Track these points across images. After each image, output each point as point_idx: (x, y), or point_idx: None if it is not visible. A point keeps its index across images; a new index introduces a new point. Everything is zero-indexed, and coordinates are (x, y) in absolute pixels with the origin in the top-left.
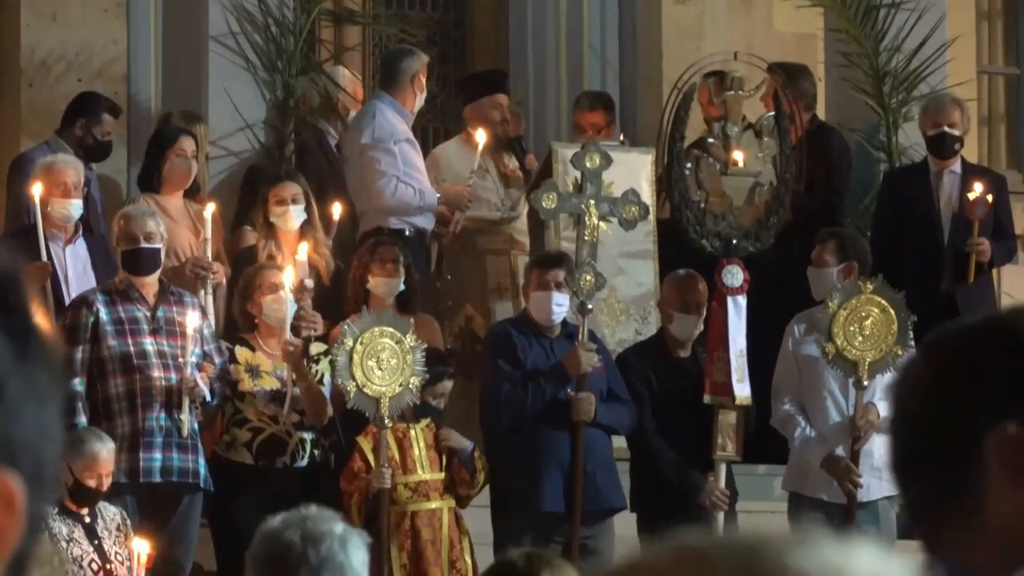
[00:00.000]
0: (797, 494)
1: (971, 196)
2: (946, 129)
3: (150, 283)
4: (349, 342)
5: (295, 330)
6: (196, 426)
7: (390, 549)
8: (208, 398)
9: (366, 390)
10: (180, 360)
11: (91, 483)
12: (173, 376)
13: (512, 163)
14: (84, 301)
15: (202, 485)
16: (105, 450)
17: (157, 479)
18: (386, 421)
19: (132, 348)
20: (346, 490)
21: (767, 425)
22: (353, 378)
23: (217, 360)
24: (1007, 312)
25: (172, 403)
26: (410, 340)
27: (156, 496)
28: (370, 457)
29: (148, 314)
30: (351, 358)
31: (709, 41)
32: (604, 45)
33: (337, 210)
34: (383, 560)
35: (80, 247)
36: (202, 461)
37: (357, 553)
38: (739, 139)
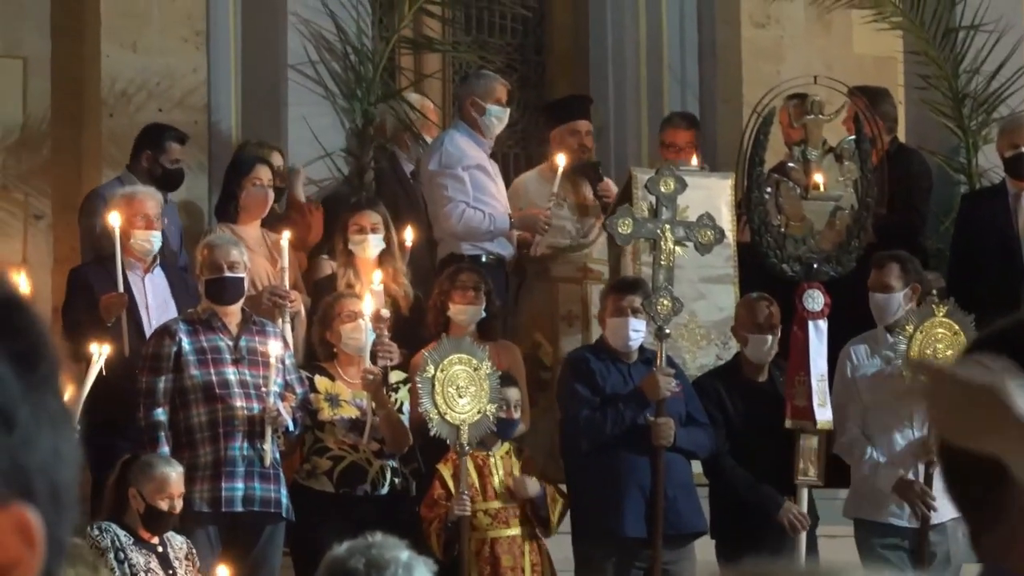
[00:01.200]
0: (863, 520)
1: None
2: (1023, 149)
3: (233, 312)
4: (431, 369)
5: (373, 359)
6: (278, 456)
7: None
8: (291, 427)
9: (447, 417)
10: (263, 390)
11: (163, 506)
12: (255, 405)
13: (588, 191)
14: (167, 331)
15: (284, 515)
16: (175, 472)
17: (239, 508)
18: (466, 448)
19: (215, 378)
20: (426, 517)
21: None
22: (436, 406)
23: (299, 390)
24: None
25: (255, 432)
26: (486, 367)
27: (239, 525)
28: (450, 484)
29: (231, 343)
30: (433, 386)
31: (788, 63)
32: (684, 68)
33: (409, 235)
34: None
35: (159, 277)
36: (284, 491)
37: (422, 570)
38: (820, 163)
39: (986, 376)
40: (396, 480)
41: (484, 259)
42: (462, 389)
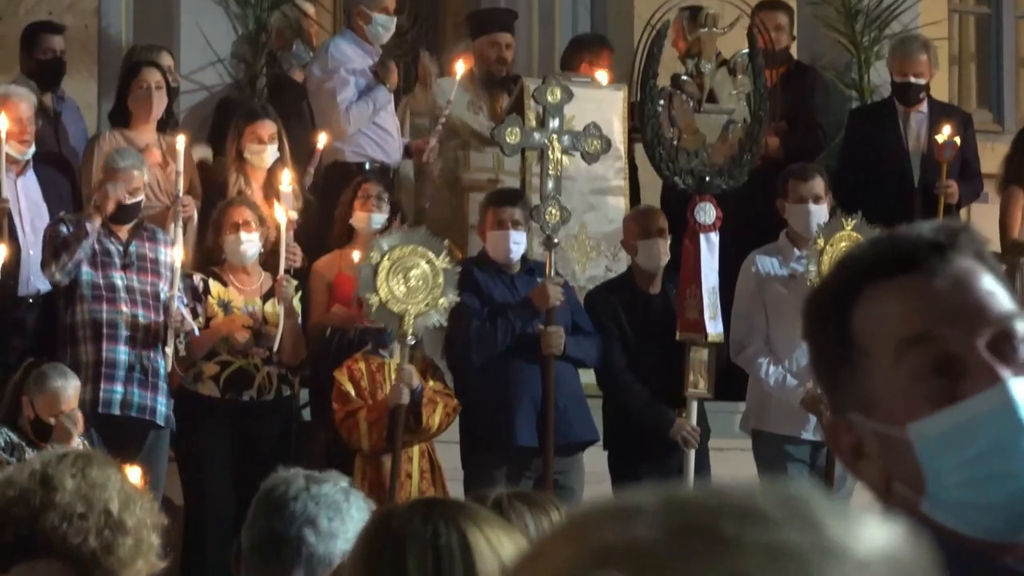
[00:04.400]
0: (764, 432)
1: (939, 139)
2: (912, 79)
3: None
4: (375, 256)
5: (274, 263)
6: (164, 364)
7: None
8: (196, 331)
9: (390, 306)
10: (152, 297)
11: (51, 421)
12: (140, 312)
13: (506, 101)
14: (59, 220)
15: (163, 424)
16: (70, 388)
17: (116, 412)
18: (409, 338)
19: (102, 280)
20: (345, 412)
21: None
22: (377, 292)
23: (186, 298)
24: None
25: (138, 339)
26: (442, 261)
27: (120, 431)
28: (348, 388)
29: (120, 248)
30: (376, 272)
31: None
32: None
33: (322, 139)
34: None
35: (31, 180)
36: (163, 400)
37: (358, 506)
38: (713, 76)
39: None
40: (283, 387)
41: (368, 166)
42: (410, 280)
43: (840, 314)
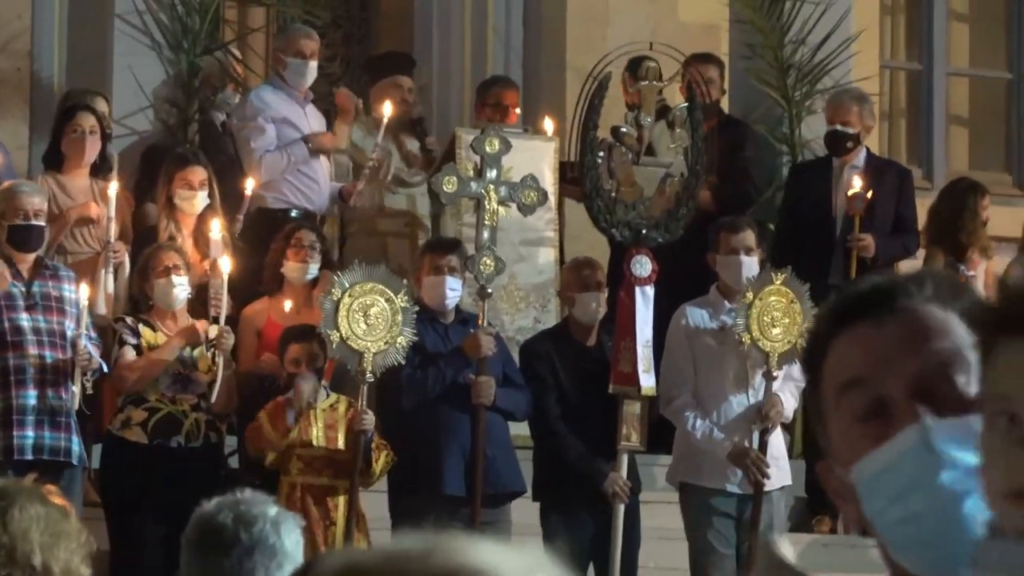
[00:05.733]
0: (690, 484)
1: (850, 192)
2: (839, 127)
3: (27, 259)
4: (337, 292)
5: (202, 309)
6: (72, 402)
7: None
8: (105, 368)
9: (350, 343)
10: (58, 336)
11: None
12: (47, 353)
13: (413, 144)
14: None
15: (75, 463)
16: None
17: (29, 456)
18: (367, 376)
19: (7, 324)
20: (249, 431)
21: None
22: (338, 328)
23: (93, 334)
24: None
25: (47, 380)
26: (401, 300)
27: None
28: (267, 428)
29: (23, 289)
30: (337, 308)
31: (614, 28)
32: (509, 30)
33: (250, 185)
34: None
35: None
36: (75, 438)
37: (291, 535)
38: (652, 129)
39: None
40: (211, 434)
41: (293, 213)
42: (370, 317)
43: (814, 367)
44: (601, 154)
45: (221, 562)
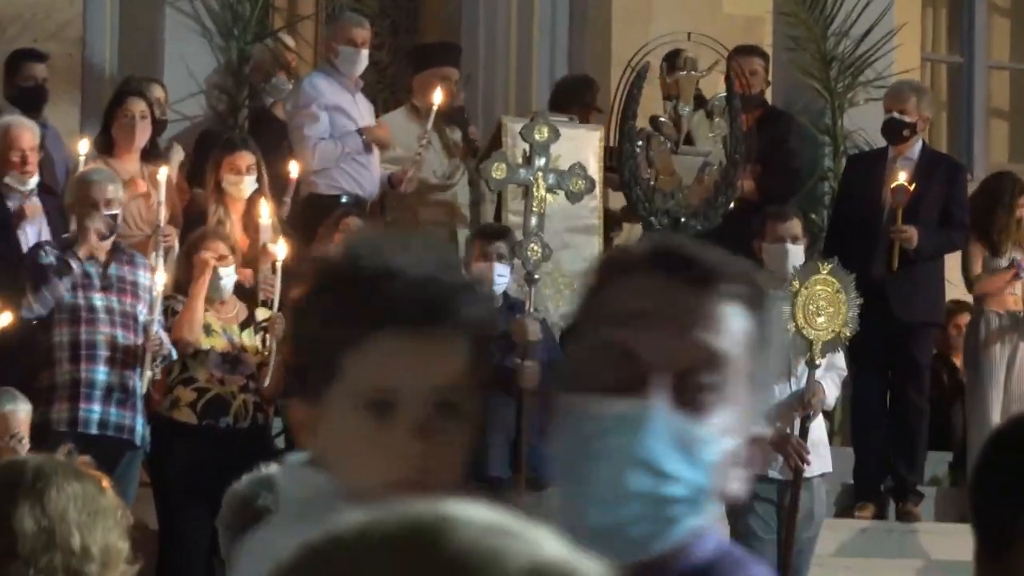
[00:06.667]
0: None
1: (893, 184)
2: (895, 115)
3: (103, 244)
4: None
5: (253, 293)
6: (141, 386)
7: None
8: (174, 355)
9: None
10: (130, 319)
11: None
12: (119, 332)
13: (455, 134)
14: (39, 247)
15: (138, 443)
16: (20, 411)
17: (94, 431)
18: None
19: (81, 301)
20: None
21: None
22: None
23: (165, 321)
24: None
25: (116, 359)
26: None
27: (95, 452)
28: None
29: (100, 271)
30: None
31: (658, 23)
32: (555, 25)
33: (294, 168)
34: None
35: (35, 204)
36: (140, 420)
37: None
38: (690, 119)
39: None
40: (259, 415)
41: (343, 199)
42: None
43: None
44: (640, 143)
45: None
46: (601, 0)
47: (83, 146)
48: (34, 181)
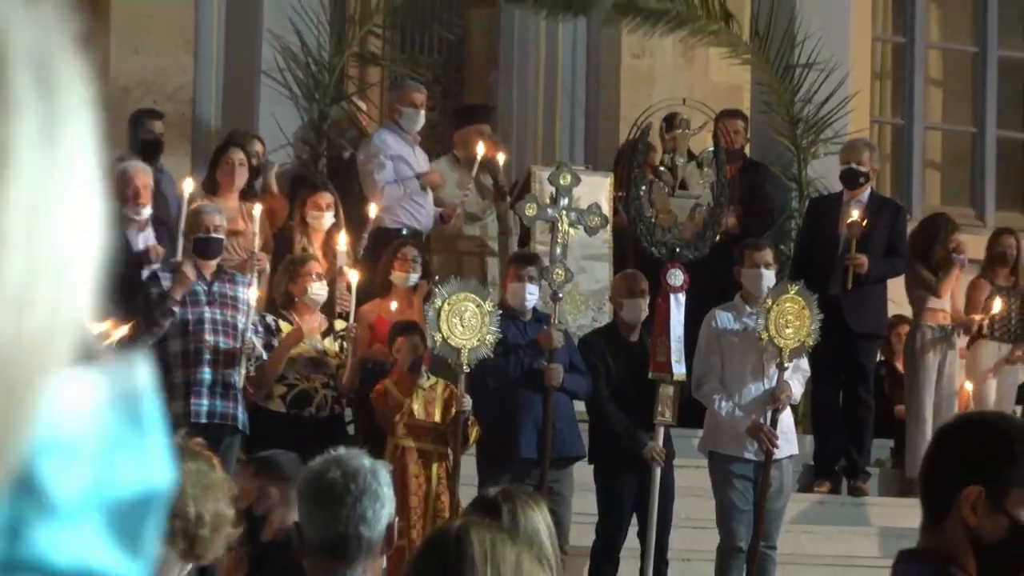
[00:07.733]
0: (716, 452)
1: (848, 221)
2: (853, 165)
3: (209, 264)
4: (438, 302)
5: (331, 306)
6: (239, 380)
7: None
8: (264, 356)
9: (450, 341)
10: (231, 328)
11: None
12: (221, 340)
13: (487, 180)
14: (155, 276)
15: (239, 428)
16: None
17: (204, 420)
18: (464, 368)
19: (191, 316)
20: (375, 394)
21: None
22: (440, 331)
23: (260, 329)
24: (977, 414)
25: (219, 361)
26: (488, 305)
27: (204, 436)
28: (393, 389)
29: (207, 288)
30: (439, 315)
31: (658, 88)
32: (574, 88)
33: (373, 210)
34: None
35: (150, 234)
36: (241, 408)
37: (386, 480)
38: (684, 168)
39: None
40: (335, 406)
41: (404, 231)
42: (465, 320)
43: None
44: (643, 188)
45: (338, 511)
46: (612, 69)
47: (188, 185)
48: (147, 211)
